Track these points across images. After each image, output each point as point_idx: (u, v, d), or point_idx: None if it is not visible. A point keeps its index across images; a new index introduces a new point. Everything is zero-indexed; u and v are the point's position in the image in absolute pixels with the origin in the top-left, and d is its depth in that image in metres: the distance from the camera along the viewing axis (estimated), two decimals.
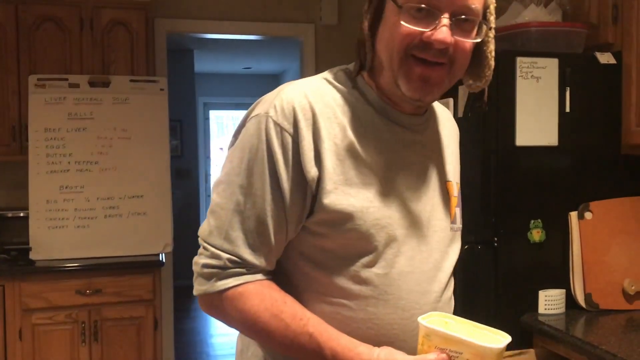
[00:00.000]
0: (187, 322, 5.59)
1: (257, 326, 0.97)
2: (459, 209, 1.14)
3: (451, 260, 1.09)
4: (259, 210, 0.96)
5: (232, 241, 0.97)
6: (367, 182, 0.99)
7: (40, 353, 2.96)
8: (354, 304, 0.98)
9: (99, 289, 3.01)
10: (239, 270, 0.97)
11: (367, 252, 0.98)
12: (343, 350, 0.93)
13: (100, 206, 3.18)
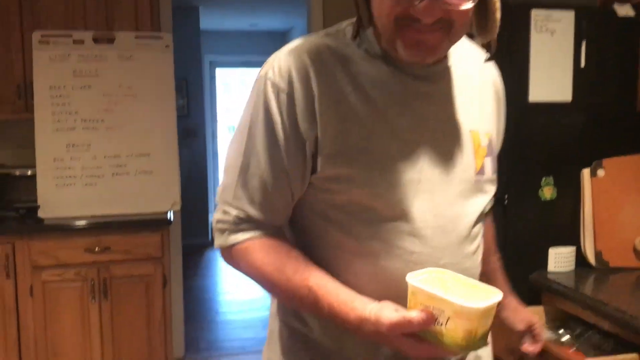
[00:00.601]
0: (196, 280, 5.65)
1: (263, 279, 1.02)
2: (490, 159, 1.07)
3: (473, 213, 1.04)
4: (261, 170, 0.99)
5: (239, 198, 1.01)
6: (373, 140, 0.97)
7: (50, 309, 2.99)
8: (364, 258, 0.98)
9: (108, 246, 3.03)
10: (246, 226, 1.02)
11: (377, 207, 0.97)
12: (339, 305, 0.93)
13: (107, 164, 3.18)
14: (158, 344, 3.15)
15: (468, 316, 0.81)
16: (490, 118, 1.11)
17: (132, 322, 3.10)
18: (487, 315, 0.82)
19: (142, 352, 3.13)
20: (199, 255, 6.49)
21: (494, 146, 1.10)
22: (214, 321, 4.65)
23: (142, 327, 3.12)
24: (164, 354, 3.16)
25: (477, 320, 0.81)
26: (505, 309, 1.25)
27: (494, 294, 0.85)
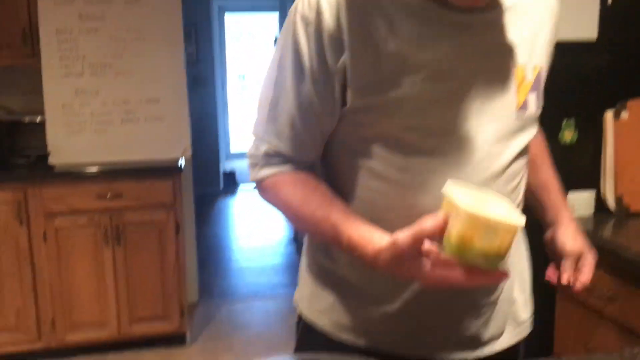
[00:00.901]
0: (208, 228, 5.68)
1: (289, 211, 1.03)
2: (535, 95, 1.02)
3: (513, 150, 1.00)
4: (290, 104, 0.99)
5: (269, 133, 1.02)
6: (404, 71, 0.93)
7: (64, 255, 3.01)
8: (392, 192, 0.97)
9: (119, 193, 3.01)
10: (275, 161, 1.03)
11: (407, 140, 0.95)
12: (358, 239, 0.93)
13: (116, 110, 3.14)
14: (172, 290, 3.17)
15: (463, 219, 0.78)
16: (542, 50, 1.05)
17: (145, 268, 3.12)
18: (488, 230, 0.78)
19: (157, 297, 3.16)
20: (211, 204, 6.51)
21: (542, 80, 1.04)
22: (227, 268, 4.69)
23: (156, 273, 3.14)
24: (178, 300, 3.19)
25: (472, 227, 0.78)
26: (558, 224, 1.19)
27: (518, 218, 0.81)
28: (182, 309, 3.21)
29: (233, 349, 3.33)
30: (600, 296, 1.92)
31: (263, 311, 3.80)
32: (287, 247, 5.11)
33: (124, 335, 3.15)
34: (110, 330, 3.12)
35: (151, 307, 3.17)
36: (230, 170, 7.16)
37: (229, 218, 6.27)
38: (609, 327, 1.92)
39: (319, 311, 1.11)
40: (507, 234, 0.79)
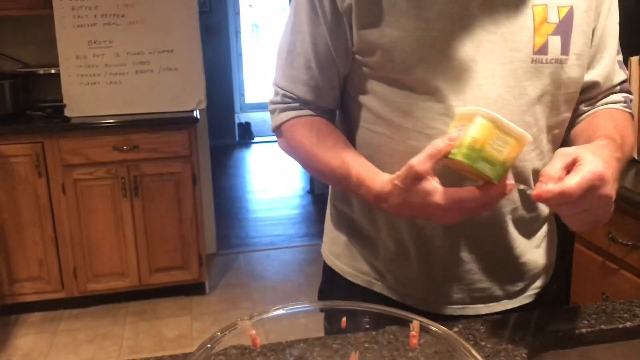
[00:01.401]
0: (225, 180, 5.71)
1: (303, 153, 1.04)
2: (561, 38, 0.94)
3: (527, 97, 0.94)
4: (306, 47, 1.00)
5: (287, 78, 1.04)
6: (404, 9, 0.92)
7: (84, 207, 3.05)
8: (396, 136, 0.98)
9: (136, 145, 3.02)
10: (294, 105, 1.04)
11: (409, 83, 0.94)
12: (367, 174, 0.94)
13: (130, 61, 3.11)
14: (191, 240, 3.21)
15: (479, 123, 0.80)
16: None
17: (164, 219, 3.15)
18: (500, 136, 0.80)
19: (176, 247, 3.20)
20: (226, 155, 6.52)
21: (577, 22, 0.96)
22: (244, 218, 4.73)
23: (175, 224, 3.17)
24: (197, 250, 3.24)
25: (486, 130, 0.79)
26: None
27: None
28: (200, 259, 3.26)
29: (251, 297, 3.39)
30: (622, 245, 1.91)
31: (280, 261, 3.84)
32: (303, 199, 5.13)
33: (144, 284, 3.21)
34: (131, 280, 3.18)
35: (170, 257, 3.21)
36: (245, 122, 7.14)
37: (244, 170, 6.29)
38: (628, 277, 1.91)
39: (336, 255, 1.15)
40: (516, 145, 0.80)
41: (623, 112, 1.06)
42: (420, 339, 0.74)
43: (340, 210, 1.13)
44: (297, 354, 0.77)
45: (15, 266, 3.05)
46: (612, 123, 0.99)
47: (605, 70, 1.03)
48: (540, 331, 0.92)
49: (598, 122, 1.01)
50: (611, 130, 0.96)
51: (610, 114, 1.04)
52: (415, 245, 1.02)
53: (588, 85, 1.03)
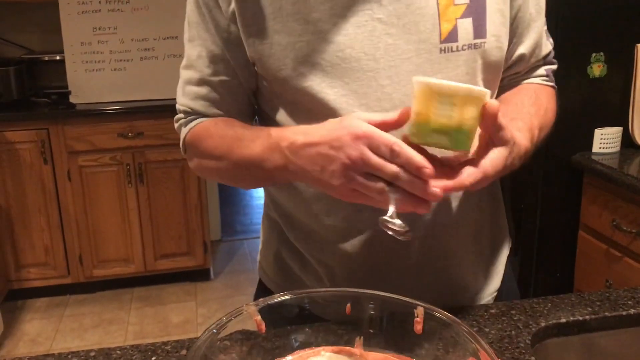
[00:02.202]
0: None
1: (211, 149, 0.91)
2: (473, 20, 0.85)
3: None
4: (202, 58, 0.91)
5: (186, 95, 0.95)
6: (291, 14, 0.83)
7: (89, 193, 3.06)
8: None
9: (141, 131, 3.02)
10: (193, 118, 0.95)
11: (305, 103, 0.86)
12: (284, 129, 0.84)
13: (135, 48, 3.11)
14: (195, 227, 3.22)
15: (415, 92, 0.71)
16: None
17: (169, 206, 3.17)
18: (442, 99, 0.70)
19: (181, 234, 3.22)
20: None
21: (492, 2, 0.87)
22: (249, 205, 4.74)
23: (179, 210, 3.19)
24: (202, 236, 3.25)
25: (425, 98, 0.70)
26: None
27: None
28: (205, 245, 3.27)
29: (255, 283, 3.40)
30: (626, 232, 1.91)
31: None
32: None
33: (149, 270, 3.23)
34: (136, 266, 3.20)
35: (175, 244, 3.23)
36: None
37: None
38: (632, 264, 1.91)
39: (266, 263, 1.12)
40: (468, 104, 0.70)
41: (546, 90, 0.99)
42: (424, 325, 0.74)
43: (270, 217, 1.08)
44: (302, 340, 0.78)
45: (22, 252, 3.07)
46: (528, 108, 0.91)
47: (532, 44, 0.96)
48: (544, 318, 0.92)
49: (521, 101, 0.93)
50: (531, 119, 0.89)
51: (533, 94, 0.96)
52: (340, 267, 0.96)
53: (514, 61, 0.96)
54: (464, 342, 0.69)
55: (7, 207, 3.00)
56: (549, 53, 1.02)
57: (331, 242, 0.94)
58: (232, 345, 0.72)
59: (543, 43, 0.99)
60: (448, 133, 0.71)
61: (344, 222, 0.92)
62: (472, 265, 1.00)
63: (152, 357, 0.84)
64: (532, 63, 0.99)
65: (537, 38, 0.97)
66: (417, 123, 0.71)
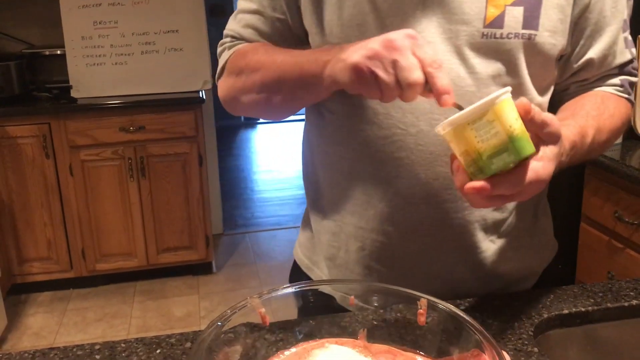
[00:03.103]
0: (230, 161, 5.72)
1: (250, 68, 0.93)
2: (523, 9, 0.83)
3: (475, 75, 0.85)
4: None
5: (237, 22, 0.98)
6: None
7: (91, 187, 3.06)
8: (336, 117, 0.94)
9: (142, 126, 3.02)
10: (240, 42, 0.99)
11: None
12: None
13: (136, 42, 3.10)
14: (197, 221, 3.23)
15: (449, 136, 0.69)
16: None
17: (171, 200, 3.17)
18: (478, 126, 0.66)
19: (183, 228, 3.22)
20: (232, 136, 6.53)
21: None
22: (250, 199, 4.74)
23: (181, 204, 3.19)
24: (204, 230, 3.25)
25: (458, 135, 0.68)
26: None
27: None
28: (207, 239, 3.28)
29: (258, 277, 3.41)
30: (628, 224, 1.91)
31: (286, 241, 3.86)
32: None
33: (152, 264, 3.24)
34: (139, 260, 3.21)
35: (177, 237, 3.23)
36: None
37: (250, 150, 6.29)
38: (634, 256, 1.92)
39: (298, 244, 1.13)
40: (501, 112, 0.66)
41: (616, 98, 0.94)
42: (427, 316, 0.75)
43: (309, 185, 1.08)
44: (305, 332, 0.78)
45: (24, 246, 3.08)
46: (587, 110, 0.89)
47: (604, 49, 0.91)
48: (546, 310, 0.93)
49: (581, 104, 0.91)
50: (587, 119, 0.87)
51: (599, 99, 0.92)
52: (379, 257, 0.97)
53: (582, 65, 0.93)
54: (467, 334, 0.69)
55: (10, 202, 3.01)
56: (628, 63, 0.95)
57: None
58: (237, 338, 0.72)
59: (618, 50, 0.93)
60: (505, 149, 0.67)
61: (362, 194, 0.94)
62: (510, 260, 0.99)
63: (157, 350, 0.85)
64: (603, 71, 0.94)
65: (610, 43, 0.91)
66: (471, 161, 0.69)
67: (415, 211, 0.92)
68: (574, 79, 0.96)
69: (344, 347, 0.73)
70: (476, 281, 0.99)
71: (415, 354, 0.74)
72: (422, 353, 0.74)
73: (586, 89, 0.96)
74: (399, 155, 0.89)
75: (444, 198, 0.90)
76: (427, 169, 0.89)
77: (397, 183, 0.91)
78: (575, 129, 0.83)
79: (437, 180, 0.89)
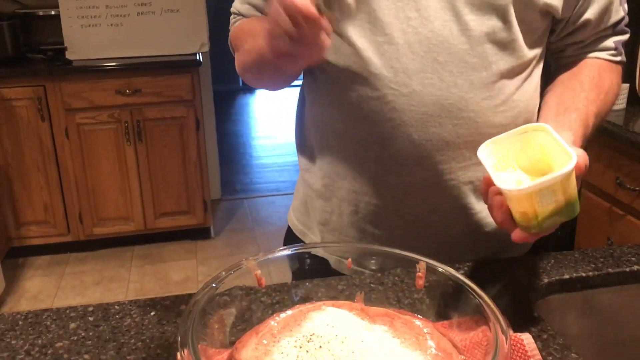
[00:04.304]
0: (228, 126, 5.68)
1: (242, 38, 0.97)
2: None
3: (469, 32, 0.84)
4: None
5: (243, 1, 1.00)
6: None
7: (87, 151, 3.04)
8: (327, 77, 0.92)
9: (139, 88, 2.98)
10: (239, 19, 1.02)
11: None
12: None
13: (131, 3, 3.03)
14: (195, 186, 3.21)
15: (512, 199, 0.70)
16: None
17: (168, 164, 3.15)
18: (543, 194, 0.68)
19: (180, 192, 3.21)
20: (230, 101, 6.47)
21: None
22: (249, 164, 4.73)
23: (179, 169, 3.17)
24: (202, 195, 3.24)
25: (524, 202, 0.69)
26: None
27: (563, 164, 0.68)
28: (205, 204, 3.27)
29: (256, 242, 3.42)
30: (630, 190, 1.89)
31: (284, 207, 3.85)
32: None
33: (149, 228, 3.23)
34: (136, 224, 3.20)
35: (175, 202, 3.22)
36: None
37: (249, 116, 6.24)
38: (634, 223, 1.91)
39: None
40: (566, 181, 0.68)
41: (611, 68, 0.95)
42: (426, 280, 0.73)
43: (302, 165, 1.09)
44: (302, 294, 0.77)
45: (21, 210, 3.07)
46: (587, 92, 0.89)
47: (601, 8, 0.91)
48: (546, 274, 0.92)
49: (580, 82, 0.91)
50: (587, 105, 0.88)
51: (596, 74, 0.92)
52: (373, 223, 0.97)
53: (578, 26, 0.92)
54: (466, 297, 0.68)
55: (6, 165, 2.98)
56: (620, 20, 0.94)
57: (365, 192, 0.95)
58: (232, 300, 0.71)
59: (614, 9, 0.92)
60: (560, 212, 0.70)
61: (354, 157, 0.93)
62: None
63: (151, 312, 0.83)
64: (598, 31, 0.93)
65: (607, 2, 0.91)
66: (525, 219, 0.71)
67: (408, 174, 0.91)
68: (570, 39, 0.95)
69: (341, 309, 0.72)
70: (471, 243, 0.98)
71: (414, 317, 0.73)
72: (420, 317, 0.73)
73: (582, 53, 0.96)
74: (391, 116, 0.87)
75: (437, 159, 0.89)
76: (419, 130, 0.87)
77: (390, 145, 0.89)
78: (580, 130, 0.85)
79: (430, 141, 0.88)
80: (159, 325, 0.81)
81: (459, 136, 0.87)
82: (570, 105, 0.88)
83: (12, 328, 0.81)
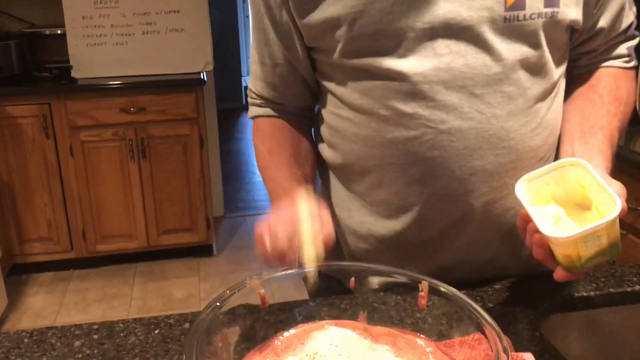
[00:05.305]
0: (232, 144, 5.70)
1: (257, 156, 1.06)
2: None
3: (503, 61, 0.82)
4: (259, 43, 0.96)
5: (252, 74, 1.02)
6: None
7: (92, 168, 3.05)
8: (358, 120, 0.89)
9: (143, 107, 3.01)
10: (259, 102, 1.02)
11: (362, 66, 0.85)
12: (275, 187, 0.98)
13: (137, 22, 3.07)
14: (198, 203, 3.22)
15: (557, 245, 0.72)
16: None
17: (171, 182, 3.16)
18: (587, 239, 0.69)
19: (183, 210, 3.22)
20: (233, 119, 6.49)
21: None
22: (251, 182, 4.73)
23: (182, 186, 3.18)
24: (204, 212, 3.25)
25: (569, 247, 0.70)
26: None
27: (606, 206, 0.70)
28: (208, 221, 3.27)
29: (258, 259, 3.40)
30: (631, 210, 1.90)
31: None
32: None
33: (152, 245, 3.24)
34: (139, 241, 3.21)
35: (178, 219, 3.23)
36: None
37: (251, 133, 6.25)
38: (636, 242, 1.91)
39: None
40: (610, 226, 0.70)
41: (626, 76, 0.95)
42: (428, 300, 0.74)
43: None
44: (305, 314, 0.78)
45: (25, 227, 3.08)
46: (608, 106, 0.90)
47: (613, 15, 0.90)
48: (548, 294, 0.92)
49: (599, 95, 0.91)
50: (610, 121, 0.88)
51: (613, 85, 0.92)
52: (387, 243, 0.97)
53: (592, 34, 0.91)
54: (469, 317, 0.68)
55: (10, 182, 3.00)
56: (630, 25, 0.94)
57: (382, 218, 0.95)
58: (235, 319, 0.72)
59: (625, 14, 0.92)
60: (603, 253, 0.72)
61: (395, 198, 0.92)
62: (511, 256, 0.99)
63: (155, 330, 0.84)
64: (611, 38, 0.94)
65: (619, 9, 0.91)
66: (568, 261, 0.72)
67: (453, 209, 0.89)
68: (583, 48, 0.95)
69: (344, 329, 0.73)
70: (516, 261, 0.99)
71: (416, 336, 0.73)
72: (423, 336, 0.73)
73: (596, 62, 0.96)
74: (432, 154, 0.85)
75: (482, 192, 0.88)
76: (462, 165, 0.86)
77: (433, 183, 0.87)
78: (607, 151, 0.86)
79: (474, 175, 0.86)
80: (163, 344, 0.81)
81: (501, 165, 0.86)
82: (595, 124, 0.88)
83: (17, 346, 0.81)
